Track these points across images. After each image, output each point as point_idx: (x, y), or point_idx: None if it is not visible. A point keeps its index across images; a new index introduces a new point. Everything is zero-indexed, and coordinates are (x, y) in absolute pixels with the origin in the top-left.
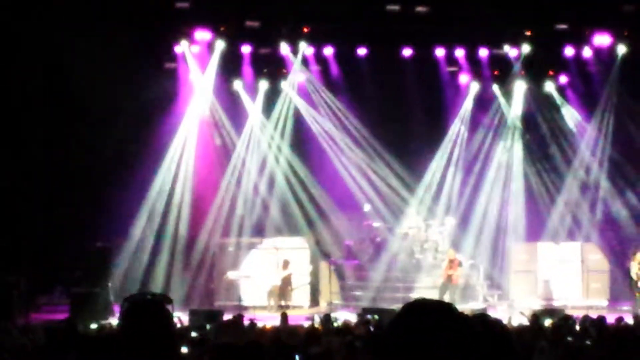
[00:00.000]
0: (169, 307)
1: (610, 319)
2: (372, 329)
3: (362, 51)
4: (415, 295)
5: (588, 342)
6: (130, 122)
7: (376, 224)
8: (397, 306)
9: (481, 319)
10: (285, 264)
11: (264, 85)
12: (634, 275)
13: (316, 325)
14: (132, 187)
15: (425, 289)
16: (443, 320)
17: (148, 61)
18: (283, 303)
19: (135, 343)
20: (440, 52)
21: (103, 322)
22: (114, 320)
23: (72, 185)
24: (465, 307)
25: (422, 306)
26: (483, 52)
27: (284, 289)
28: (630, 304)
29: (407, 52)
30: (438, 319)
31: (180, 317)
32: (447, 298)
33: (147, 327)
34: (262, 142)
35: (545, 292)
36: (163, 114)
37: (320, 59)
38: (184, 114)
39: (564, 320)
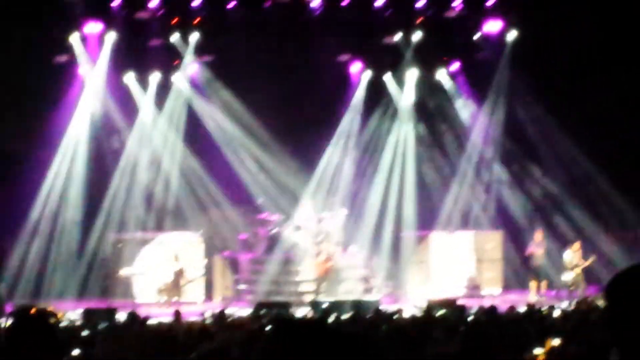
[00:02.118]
0: (52, 319)
1: (504, 307)
2: (266, 323)
3: (252, 42)
4: (307, 287)
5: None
6: (19, 118)
7: (270, 217)
8: (292, 299)
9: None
10: (176, 258)
11: (155, 77)
12: (567, 264)
13: (207, 321)
14: (23, 185)
15: (307, 282)
16: (317, 339)
17: (37, 54)
18: (175, 299)
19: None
20: (332, 41)
21: None
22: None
23: None
24: (361, 298)
25: (293, 326)
26: (375, 41)
27: (175, 283)
28: (521, 292)
29: (297, 43)
30: (311, 338)
31: (72, 316)
32: (324, 288)
33: (31, 343)
34: (154, 136)
35: (471, 282)
36: (53, 108)
37: (211, 50)
38: (74, 107)
39: (457, 311)
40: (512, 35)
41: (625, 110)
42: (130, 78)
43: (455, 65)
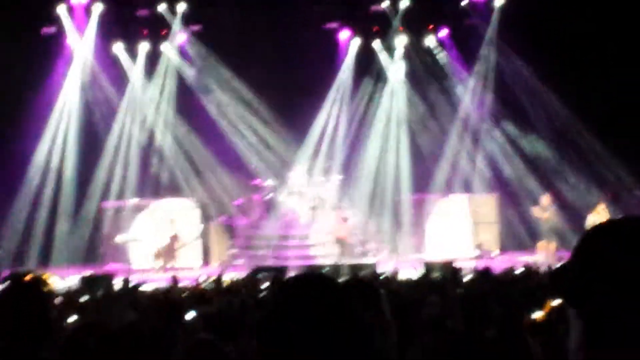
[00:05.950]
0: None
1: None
2: (266, 286)
3: (240, 11)
4: (305, 252)
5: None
6: (8, 92)
7: (264, 182)
8: (287, 263)
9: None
10: (172, 222)
11: (144, 47)
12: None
13: (204, 285)
14: (15, 158)
15: (315, 246)
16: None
17: (24, 26)
18: (171, 264)
19: (7, 326)
20: (320, 8)
21: None
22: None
23: None
24: (356, 262)
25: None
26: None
27: (170, 248)
28: (521, 253)
29: (285, 11)
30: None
31: (69, 282)
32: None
33: (23, 309)
34: (144, 104)
35: (480, 244)
36: (43, 80)
37: (199, 19)
38: (64, 79)
39: (453, 273)
40: (499, 1)
41: (618, 72)
42: (119, 48)
43: (444, 32)
